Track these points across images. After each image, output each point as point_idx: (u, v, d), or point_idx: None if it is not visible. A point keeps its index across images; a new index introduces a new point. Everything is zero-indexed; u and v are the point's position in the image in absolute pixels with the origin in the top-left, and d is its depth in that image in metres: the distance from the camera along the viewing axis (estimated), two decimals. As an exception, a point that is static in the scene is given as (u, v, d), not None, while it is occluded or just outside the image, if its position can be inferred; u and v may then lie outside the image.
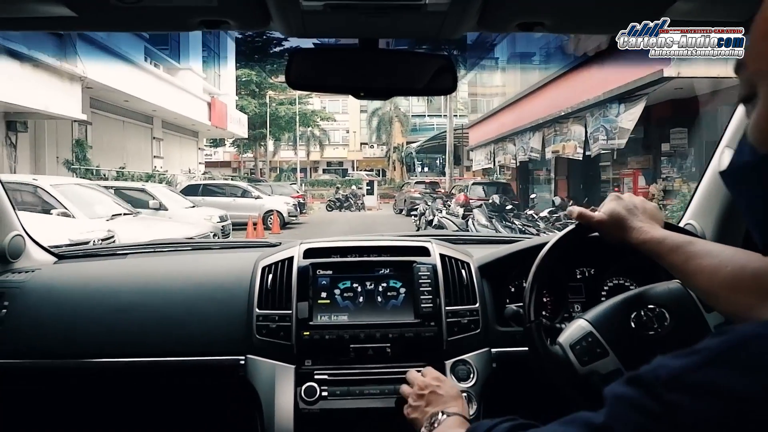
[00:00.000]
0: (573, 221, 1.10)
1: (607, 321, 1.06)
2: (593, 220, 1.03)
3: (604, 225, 1.02)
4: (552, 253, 1.11)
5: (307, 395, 1.35)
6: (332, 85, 1.27)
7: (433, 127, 37.86)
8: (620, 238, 1.00)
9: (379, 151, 44.07)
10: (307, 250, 1.55)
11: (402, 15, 1.05)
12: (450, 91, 1.23)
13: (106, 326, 1.49)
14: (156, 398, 1.72)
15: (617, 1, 1.03)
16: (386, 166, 41.98)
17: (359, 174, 37.89)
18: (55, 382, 1.56)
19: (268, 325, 1.43)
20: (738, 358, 0.46)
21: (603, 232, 1.03)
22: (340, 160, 45.47)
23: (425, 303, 1.45)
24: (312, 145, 41.61)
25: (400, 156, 39.78)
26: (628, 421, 0.49)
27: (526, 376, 1.16)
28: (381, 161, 43.32)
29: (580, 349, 1.04)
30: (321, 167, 44.84)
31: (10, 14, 1.07)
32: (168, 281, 1.60)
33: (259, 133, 33.86)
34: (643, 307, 1.05)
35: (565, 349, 1.06)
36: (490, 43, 20.70)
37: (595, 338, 1.04)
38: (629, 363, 1.00)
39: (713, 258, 0.87)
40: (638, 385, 0.50)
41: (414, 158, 37.43)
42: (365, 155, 45.28)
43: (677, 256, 0.90)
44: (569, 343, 1.06)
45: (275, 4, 0.97)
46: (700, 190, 1.52)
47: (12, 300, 1.52)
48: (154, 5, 0.99)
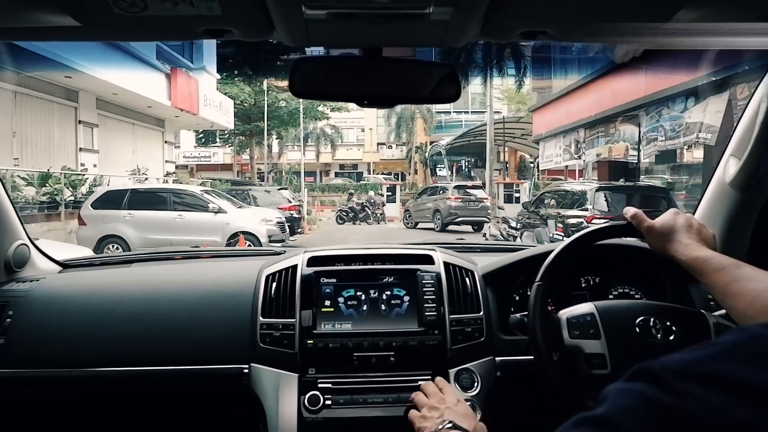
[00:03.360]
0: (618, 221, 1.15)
1: (612, 314, 1.14)
2: (645, 225, 1.09)
3: (653, 232, 1.08)
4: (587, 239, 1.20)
5: (310, 404, 1.35)
6: (336, 94, 1.30)
7: (461, 124, 35.35)
8: (665, 249, 1.05)
9: (398, 152, 40.75)
10: (310, 258, 1.55)
11: (405, 24, 1.05)
12: (453, 99, 1.23)
13: (111, 335, 1.50)
14: (160, 407, 1.72)
15: (621, 9, 1.01)
16: (406, 169, 38.66)
17: (376, 178, 35.30)
18: (60, 390, 1.56)
19: (271, 334, 1.43)
20: (748, 353, 0.47)
21: (649, 239, 1.09)
22: (354, 162, 42.02)
23: (429, 311, 1.45)
24: (322, 145, 38.08)
25: (423, 157, 36.30)
26: (635, 413, 0.48)
27: (530, 384, 1.20)
28: (400, 163, 40.01)
29: (576, 323, 1.13)
30: (333, 170, 41.61)
31: (14, 24, 1.07)
32: (172, 289, 1.61)
33: (256, 127, 27.66)
34: (654, 317, 1.12)
35: (561, 321, 1.15)
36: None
37: (594, 321, 1.13)
38: (617, 355, 1.08)
39: (758, 283, 0.89)
40: (645, 376, 0.49)
41: (444, 158, 32.61)
42: (382, 157, 41.89)
43: (721, 277, 0.93)
44: (568, 316, 1.16)
45: (278, 13, 0.98)
46: (705, 198, 1.56)
47: (17, 309, 1.53)
48: (158, 15, 0.97)
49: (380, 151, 41.98)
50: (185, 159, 38.19)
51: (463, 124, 34.82)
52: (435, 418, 1.08)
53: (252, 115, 27.48)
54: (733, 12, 0.99)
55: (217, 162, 36.92)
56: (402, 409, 1.25)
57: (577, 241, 1.20)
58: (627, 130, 12.52)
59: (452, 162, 33.78)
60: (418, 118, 36.12)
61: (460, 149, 32.85)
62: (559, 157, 17.31)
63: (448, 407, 1.11)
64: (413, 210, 19.77)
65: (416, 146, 36.80)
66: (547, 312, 1.16)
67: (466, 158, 35.07)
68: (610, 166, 13.74)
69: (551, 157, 18.16)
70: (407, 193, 28.79)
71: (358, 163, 41.74)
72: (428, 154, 35.22)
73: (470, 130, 29.93)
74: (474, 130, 29.60)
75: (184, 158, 38.03)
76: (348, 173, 40.70)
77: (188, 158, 38.30)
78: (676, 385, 0.46)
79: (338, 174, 40.98)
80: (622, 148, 12.60)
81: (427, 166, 36.00)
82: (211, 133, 32.59)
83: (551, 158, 18.21)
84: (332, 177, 40.06)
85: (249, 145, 29.97)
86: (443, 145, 31.88)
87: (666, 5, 0.94)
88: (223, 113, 19.71)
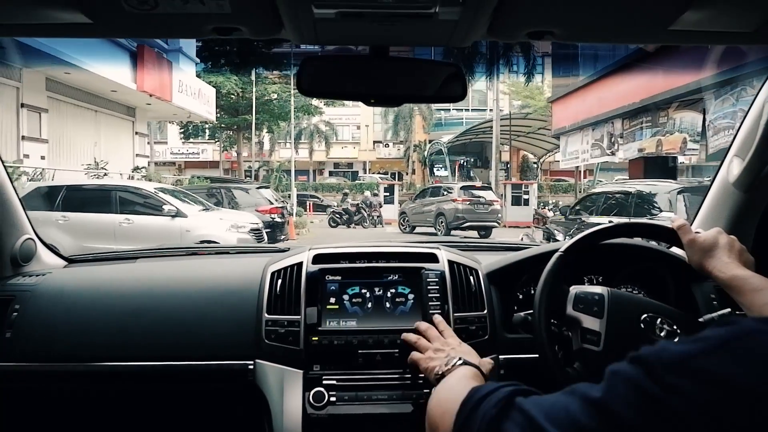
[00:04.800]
0: None
1: (622, 301, 1.15)
2: (688, 237, 1.11)
3: (694, 245, 1.09)
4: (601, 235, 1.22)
5: (315, 400, 1.36)
6: (343, 92, 1.35)
7: (462, 122, 34.71)
8: (703, 264, 1.07)
9: (395, 150, 40.28)
10: (316, 256, 1.55)
11: (413, 23, 1.07)
12: (460, 99, 1.25)
13: (117, 330, 1.51)
14: (165, 402, 1.71)
15: (626, 11, 1.04)
16: (404, 169, 38.01)
17: (372, 177, 34.78)
18: (65, 385, 1.56)
19: (276, 330, 1.44)
20: (740, 348, 0.48)
21: (690, 251, 1.10)
22: (349, 160, 41.82)
23: (433, 309, 1.45)
24: (316, 142, 37.11)
25: (422, 156, 35.43)
26: (626, 399, 0.51)
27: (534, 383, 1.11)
28: (398, 163, 39.44)
29: (583, 298, 1.15)
30: (327, 169, 41.33)
31: (25, 21, 1.09)
32: (178, 285, 1.63)
33: (243, 121, 25.60)
34: (662, 317, 1.13)
35: (570, 294, 1.17)
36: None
37: (601, 301, 1.13)
38: (612, 338, 1.10)
39: None
40: (640, 364, 0.52)
41: (446, 157, 31.40)
42: (379, 155, 41.52)
43: (759, 297, 0.95)
44: (578, 291, 1.17)
45: (287, 11, 0.99)
46: (708, 200, 1.58)
47: (23, 303, 1.54)
48: (168, 12, 0.99)
49: (377, 150, 41.55)
50: (172, 155, 37.46)
51: (464, 121, 34.23)
52: (442, 358, 1.09)
53: (240, 108, 25.46)
54: (734, 12, 1.02)
55: (207, 159, 36.15)
56: (406, 406, 1.34)
57: (617, 228, 1.23)
58: (685, 119, 10.58)
59: (453, 161, 33.14)
60: (416, 115, 35.64)
61: (461, 148, 32.04)
62: (587, 153, 15.26)
63: (452, 348, 1.14)
64: (411, 213, 18.10)
65: (414, 144, 36.04)
66: (558, 284, 1.19)
67: (465, 158, 34.65)
68: (646, 163, 11.63)
69: (576, 154, 16.15)
70: (406, 193, 27.76)
71: (353, 161, 41.54)
72: (427, 153, 34.52)
73: (472, 127, 29.22)
74: (476, 128, 28.72)
75: (171, 154, 37.34)
76: (343, 172, 40.35)
77: (176, 155, 37.59)
78: (666, 378, 0.49)
79: (333, 173, 40.47)
80: (678, 140, 10.60)
81: (426, 165, 35.21)
82: (196, 128, 30.48)
83: (576, 155, 16.20)
84: (326, 176, 39.99)
85: (237, 140, 27.89)
86: (444, 143, 30.89)
87: (670, 8, 0.98)
88: (203, 102, 17.58)
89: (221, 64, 22.67)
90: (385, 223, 19.67)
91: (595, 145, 14.21)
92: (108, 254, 2.01)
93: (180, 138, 33.46)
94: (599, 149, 14.09)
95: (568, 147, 16.79)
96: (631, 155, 11.58)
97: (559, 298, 1.16)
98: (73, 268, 1.77)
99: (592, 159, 15.05)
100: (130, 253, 1.98)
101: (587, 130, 14.66)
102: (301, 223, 16.29)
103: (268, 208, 10.96)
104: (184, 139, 32.49)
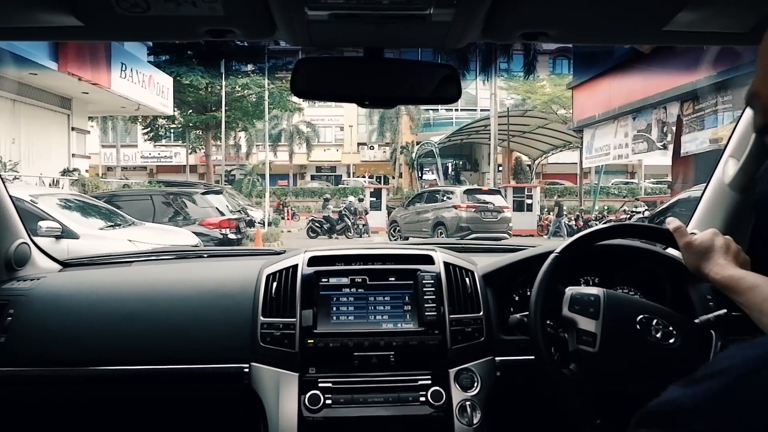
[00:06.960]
0: None
1: (617, 303, 1.16)
2: (684, 240, 1.10)
3: (690, 248, 1.09)
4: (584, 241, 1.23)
5: (311, 403, 1.38)
6: (337, 94, 1.34)
7: (451, 122, 33.49)
8: (699, 266, 1.06)
9: (381, 153, 39.18)
10: (311, 258, 1.58)
11: (407, 25, 1.08)
12: (454, 100, 1.26)
13: (112, 334, 1.52)
14: (160, 406, 1.73)
15: (620, 12, 1.05)
16: (390, 172, 36.80)
17: (357, 181, 34.12)
18: (60, 389, 1.57)
19: (272, 333, 1.46)
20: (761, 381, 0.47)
21: (685, 254, 1.10)
22: (332, 163, 40.52)
23: (429, 311, 1.48)
24: (296, 144, 35.93)
25: (410, 158, 33.87)
26: None
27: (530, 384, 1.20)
28: (384, 166, 38.15)
29: (579, 299, 1.16)
30: (308, 173, 40.17)
31: (17, 24, 1.09)
32: (173, 289, 1.64)
33: (212, 119, 22.94)
34: (658, 318, 1.13)
35: (566, 295, 1.18)
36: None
37: (597, 302, 1.14)
38: (608, 339, 1.10)
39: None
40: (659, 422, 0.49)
41: (437, 158, 29.74)
42: (364, 158, 40.15)
43: (755, 295, 0.94)
44: (573, 292, 1.18)
45: (281, 13, 1.01)
46: (704, 200, 1.60)
47: (18, 308, 1.55)
48: (160, 15, 0.99)
49: (361, 152, 40.26)
50: (143, 159, 35.39)
51: (454, 121, 32.83)
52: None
53: (208, 104, 22.91)
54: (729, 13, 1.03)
55: (181, 163, 34.24)
56: (402, 408, 1.36)
57: (613, 229, 1.24)
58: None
59: (444, 164, 31.81)
60: (403, 114, 34.15)
61: (452, 149, 31.14)
62: (626, 148, 12.64)
63: None
64: (403, 221, 15.94)
65: (401, 146, 34.72)
66: (554, 285, 1.20)
67: (453, 160, 33.90)
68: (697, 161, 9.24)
69: (607, 149, 13.61)
70: (393, 198, 26.04)
71: (336, 165, 40.34)
72: (415, 155, 32.71)
73: (463, 127, 27.93)
74: (468, 127, 27.47)
75: (141, 158, 35.30)
76: (326, 176, 39.37)
77: (146, 158, 35.46)
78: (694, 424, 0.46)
79: (314, 177, 39.35)
80: None
81: (414, 168, 33.64)
82: (164, 128, 27.78)
83: (606, 150, 13.64)
84: (308, 180, 38.81)
85: (206, 140, 25.19)
86: (435, 143, 29.18)
87: (664, 8, 1.00)
88: (155, 93, 14.91)
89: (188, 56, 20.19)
90: (372, 232, 17.66)
91: (639, 136, 11.63)
92: (103, 258, 2.02)
93: (145, 139, 30.81)
94: (645, 142, 11.54)
95: (596, 141, 14.27)
96: (698, 148, 9.00)
97: (554, 299, 1.19)
98: (68, 272, 1.80)
99: (634, 155, 12.35)
100: (126, 256, 2.02)
101: (625, 119, 12.03)
102: (272, 235, 13.72)
103: (218, 221, 8.31)
104: (149, 140, 29.77)
